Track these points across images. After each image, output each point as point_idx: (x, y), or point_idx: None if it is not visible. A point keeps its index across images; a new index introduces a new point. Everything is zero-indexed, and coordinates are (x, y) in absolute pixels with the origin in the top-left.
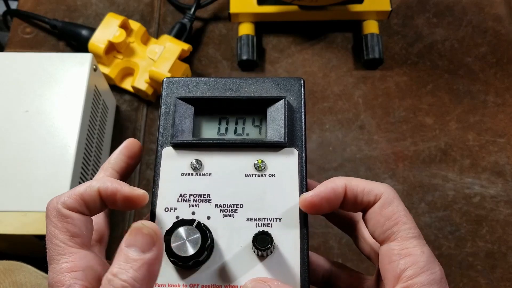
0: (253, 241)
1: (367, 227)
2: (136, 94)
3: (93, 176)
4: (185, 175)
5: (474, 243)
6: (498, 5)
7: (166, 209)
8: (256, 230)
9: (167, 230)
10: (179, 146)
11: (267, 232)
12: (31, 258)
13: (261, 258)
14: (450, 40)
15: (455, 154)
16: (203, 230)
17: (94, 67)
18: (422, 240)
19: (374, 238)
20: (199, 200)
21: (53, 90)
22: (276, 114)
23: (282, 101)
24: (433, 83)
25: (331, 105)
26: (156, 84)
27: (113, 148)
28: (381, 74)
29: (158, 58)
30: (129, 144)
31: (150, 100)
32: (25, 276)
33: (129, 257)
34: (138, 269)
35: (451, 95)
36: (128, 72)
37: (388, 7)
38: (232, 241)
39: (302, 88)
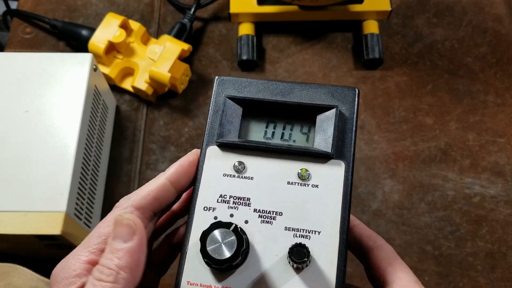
0: (289, 253)
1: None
2: (136, 94)
3: (93, 176)
4: (227, 176)
5: (474, 243)
6: (498, 5)
7: (205, 208)
8: (294, 240)
9: (203, 231)
10: (224, 146)
11: (304, 245)
12: (31, 258)
13: (297, 270)
14: (450, 40)
15: (455, 154)
16: (240, 234)
17: (94, 67)
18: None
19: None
20: (239, 203)
21: (53, 90)
22: (326, 123)
23: (333, 110)
24: (433, 83)
25: None
26: (156, 84)
27: (113, 147)
28: (381, 74)
29: (158, 58)
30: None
31: (150, 100)
32: (20, 279)
33: (113, 248)
34: (122, 258)
35: (451, 95)
36: (128, 72)
37: (388, 7)
38: (268, 248)
39: (356, 99)
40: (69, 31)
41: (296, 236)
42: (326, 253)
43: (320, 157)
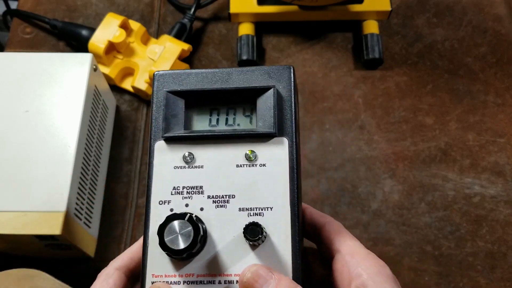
0: (243, 232)
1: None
2: (136, 94)
3: (93, 176)
4: (178, 168)
5: (474, 243)
6: (498, 5)
7: (160, 202)
8: (248, 219)
9: (160, 224)
10: (171, 140)
11: (256, 223)
12: (31, 258)
13: (253, 247)
14: (450, 40)
15: (455, 154)
16: (195, 223)
17: (94, 67)
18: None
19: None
20: (192, 192)
21: (53, 90)
22: (265, 103)
23: (271, 91)
24: (433, 83)
25: (331, 105)
26: None
27: (113, 148)
28: (381, 74)
29: (158, 58)
30: None
31: (150, 100)
32: (44, 282)
33: None
34: None
35: (451, 95)
36: (128, 72)
37: (388, 7)
38: (225, 231)
39: (292, 76)
40: (69, 31)
41: (250, 215)
42: (280, 227)
43: (264, 137)
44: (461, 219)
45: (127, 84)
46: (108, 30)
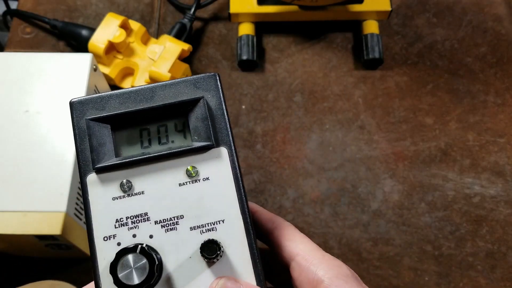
0: (201, 252)
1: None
2: None
3: None
4: (117, 199)
5: (474, 243)
6: (498, 5)
7: (105, 238)
8: (202, 237)
9: (111, 263)
10: (103, 170)
11: (212, 239)
12: (31, 258)
13: (210, 263)
14: (450, 40)
15: (455, 154)
16: (148, 253)
17: (94, 67)
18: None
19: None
20: (138, 221)
21: (53, 90)
22: (197, 116)
23: (201, 101)
24: (433, 83)
25: (331, 105)
26: None
27: None
28: (381, 74)
29: (158, 58)
30: None
31: None
32: None
33: None
34: None
35: (451, 95)
36: (128, 72)
37: (388, 7)
38: (180, 254)
39: (219, 84)
40: (69, 31)
41: (203, 232)
42: (235, 238)
43: (202, 150)
44: (461, 219)
45: (127, 84)
46: (108, 30)
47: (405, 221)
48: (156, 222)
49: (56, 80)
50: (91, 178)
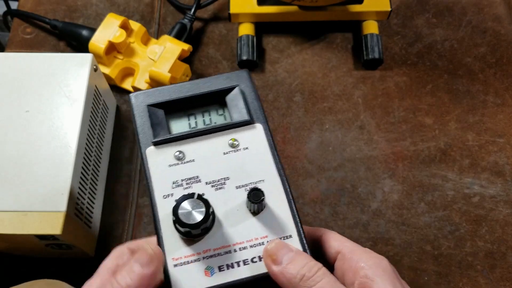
0: (248, 198)
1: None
2: None
3: (93, 176)
4: (173, 166)
5: (473, 243)
6: (498, 5)
7: (164, 196)
8: (246, 193)
9: (173, 207)
10: (160, 143)
11: (258, 188)
12: (31, 258)
13: (256, 214)
14: (450, 40)
15: (454, 154)
16: (204, 198)
17: (95, 67)
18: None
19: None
20: (191, 183)
21: (54, 90)
22: (235, 99)
23: (237, 88)
24: (432, 83)
25: (331, 105)
26: (156, 84)
27: (113, 147)
28: (380, 74)
29: (159, 58)
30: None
31: None
32: None
33: (131, 268)
34: (134, 279)
35: (451, 95)
36: (128, 72)
37: (388, 8)
38: (228, 207)
39: (249, 76)
40: (70, 31)
41: (247, 190)
42: (274, 194)
43: (241, 125)
44: (460, 219)
45: (127, 85)
46: (109, 30)
47: (405, 221)
48: (206, 183)
49: (56, 80)
50: (150, 150)
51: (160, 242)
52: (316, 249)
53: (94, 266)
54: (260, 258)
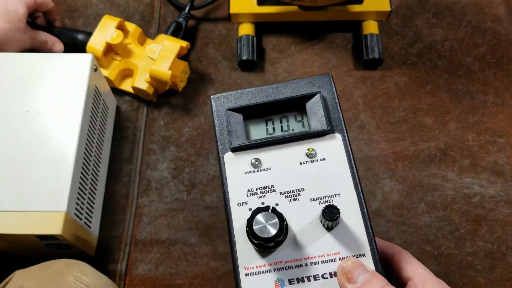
0: (322, 214)
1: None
2: (136, 95)
3: (93, 176)
4: (248, 173)
5: (473, 243)
6: (498, 5)
7: (239, 204)
8: (320, 207)
9: (248, 219)
10: (237, 150)
11: (333, 204)
12: (31, 258)
13: (329, 229)
14: (450, 40)
15: (454, 154)
16: (278, 212)
17: (95, 67)
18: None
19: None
20: (266, 192)
21: (54, 90)
22: (315, 106)
23: (318, 95)
24: (432, 83)
25: None
26: (157, 82)
27: (113, 147)
28: (380, 74)
29: (158, 56)
30: None
31: (151, 99)
32: (89, 270)
33: None
34: None
35: (451, 95)
36: (127, 74)
37: (387, 8)
38: (301, 220)
39: (332, 82)
40: (67, 37)
41: (321, 203)
42: (349, 209)
43: (320, 135)
44: (460, 219)
45: (126, 86)
46: (105, 32)
47: (405, 221)
48: (281, 193)
49: (56, 80)
50: (228, 156)
51: (233, 250)
52: (385, 266)
53: (94, 266)
54: (331, 275)
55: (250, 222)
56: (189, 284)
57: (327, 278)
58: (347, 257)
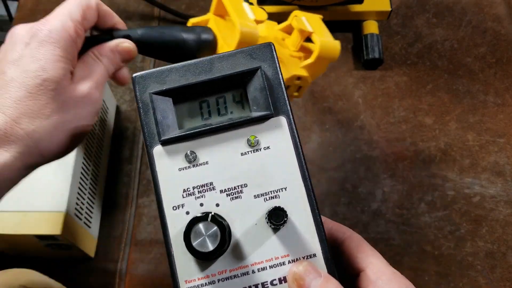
0: (268, 219)
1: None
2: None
3: (93, 176)
4: (183, 169)
5: (473, 243)
6: (498, 5)
7: (174, 208)
8: (266, 204)
9: (184, 232)
10: (168, 142)
11: (279, 207)
12: (31, 258)
13: (276, 230)
14: (450, 40)
15: (454, 154)
16: (219, 221)
17: None
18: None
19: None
20: (204, 191)
21: None
22: (255, 86)
23: (258, 72)
24: (432, 83)
25: (331, 105)
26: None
27: (113, 148)
28: (381, 74)
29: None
30: None
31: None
32: (40, 278)
33: None
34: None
35: (451, 95)
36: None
37: (388, 8)
38: (246, 221)
39: (274, 53)
40: (172, 37)
41: (266, 200)
42: (298, 205)
43: (262, 119)
44: (460, 219)
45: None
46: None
47: (405, 221)
48: (221, 191)
49: None
50: (157, 150)
51: (171, 261)
52: (336, 254)
53: (94, 266)
54: (280, 281)
55: (187, 235)
56: None
57: (276, 284)
58: (297, 259)
